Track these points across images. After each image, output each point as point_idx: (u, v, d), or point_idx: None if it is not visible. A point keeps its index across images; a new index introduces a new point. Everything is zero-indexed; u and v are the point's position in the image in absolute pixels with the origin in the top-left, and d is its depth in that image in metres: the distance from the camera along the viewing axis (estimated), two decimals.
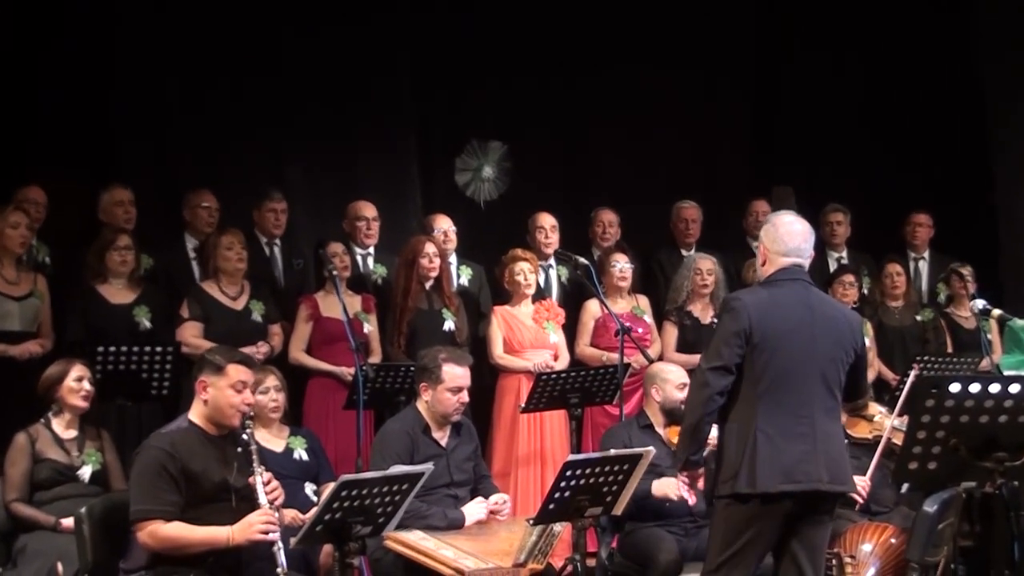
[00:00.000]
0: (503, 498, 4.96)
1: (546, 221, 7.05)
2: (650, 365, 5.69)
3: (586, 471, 4.23)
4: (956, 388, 3.68)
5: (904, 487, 5.30)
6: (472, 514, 4.81)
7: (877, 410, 5.61)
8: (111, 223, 6.28)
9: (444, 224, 6.87)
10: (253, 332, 6.16)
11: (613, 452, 4.41)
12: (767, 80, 8.67)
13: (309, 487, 5.17)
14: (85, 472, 5.02)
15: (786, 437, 3.97)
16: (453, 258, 6.90)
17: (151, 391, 5.59)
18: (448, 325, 6.39)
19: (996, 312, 5.49)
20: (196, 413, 4.18)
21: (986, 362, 6.33)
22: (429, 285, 6.44)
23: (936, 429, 3.72)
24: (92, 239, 6.12)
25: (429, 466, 4.19)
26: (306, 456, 5.23)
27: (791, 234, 4.16)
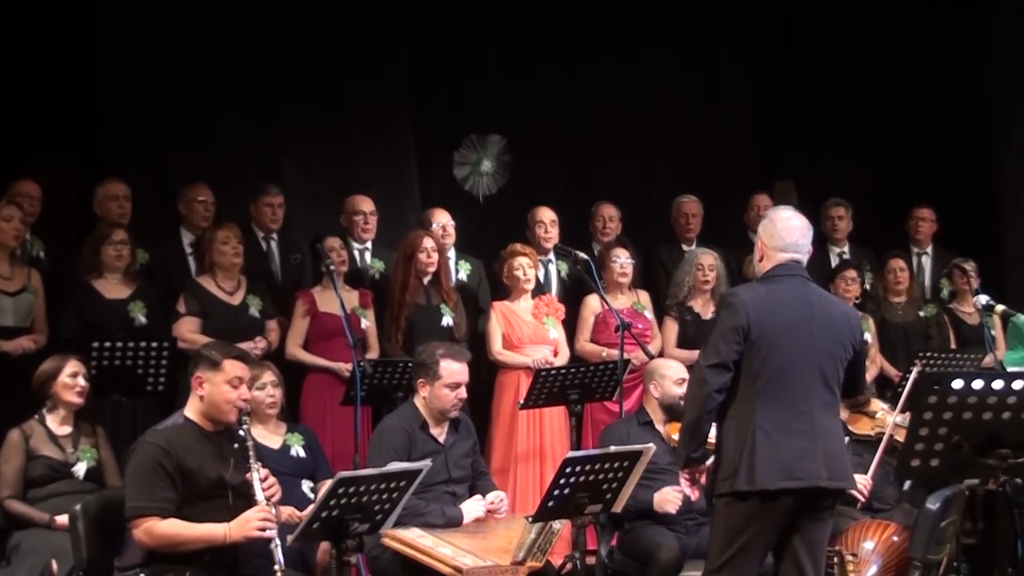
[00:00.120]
0: (500, 496, 4.94)
1: (546, 215, 7.02)
2: (650, 361, 5.65)
3: (586, 468, 4.21)
4: (959, 384, 3.67)
5: (906, 484, 5.29)
6: (470, 512, 4.79)
7: (879, 407, 5.59)
8: (105, 217, 6.25)
9: (442, 218, 6.83)
10: (251, 327, 6.14)
11: (613, 449, 4.39)
12: (768, 73, 8.63)
13: (306, 484, 5.13)
14: (80, 469, 5.00)
15: (785, 434, 3.95)
16: (452, 253, 6.87)
17: (146, 387, 5.56)
18: (446, 321, 6.36)
19: (999, 308, 5.45)
20: (192, 409, 4.17)
21: (989, 358, 6.31)
22: (427, 280, 6.41)
23: (939, 426, 3.71)
24: (88, 234, 6.09)
25: (427, 463, 4.17)
26: (303, 453, 5.20)
27: (789, 229, 4.14)
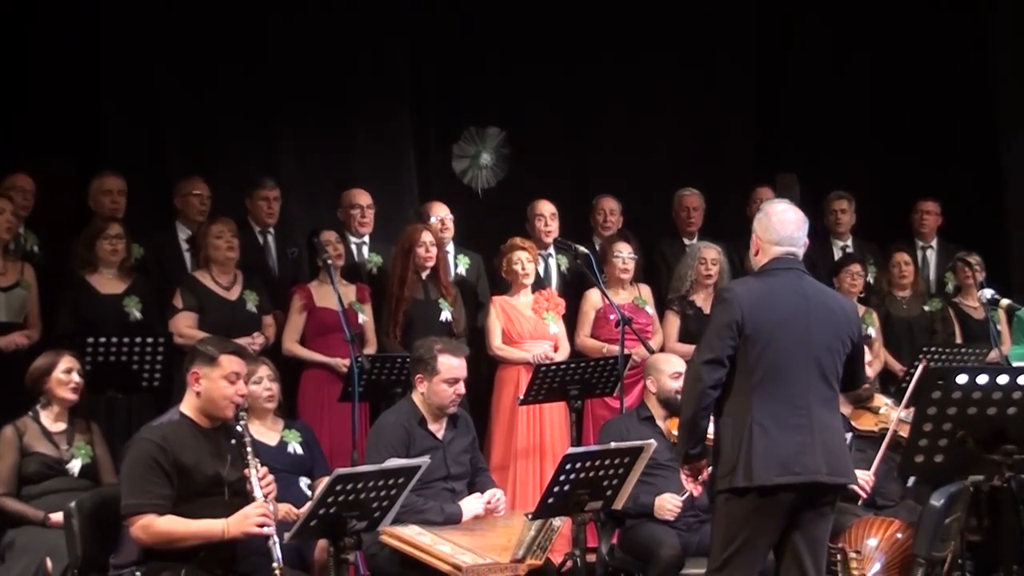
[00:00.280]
0: (497, 495, 4.89)
1: (545, 209, 6.98)
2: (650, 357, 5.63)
3: (586, 464, 4.19)
4: (963, 379, 3.65)
5: (910, 481, 5.25)
6: (470, 509, 4.77)
7: (883, 402, 5.55)
8: (99, 211, 6.22)
9: (441, 212, 6.79)
10: (248, 323, 6.11)
11: (613, 445, 4.37)
12: (770, 65, 8.59)
13: (303, 481, 5.10)
14: (74, 466, 4.96)
15: (782, 429, 3.92)
16: (450, 247, 6.84)
17: (142, 383, 5.53)
18: (445, 315, 6.33)
19: (1005, 302, 5.40)
20: (188, 405, 4.14)
21: (995, 353, 6.28)
22: (426, 275, 6.38)
23: (943, 421, 3.69)
24: (83, 228, 6.05)
25: (426, 459, 4.16)
26: (300, 450, 5.17)
27: (783, 223, 4.12)
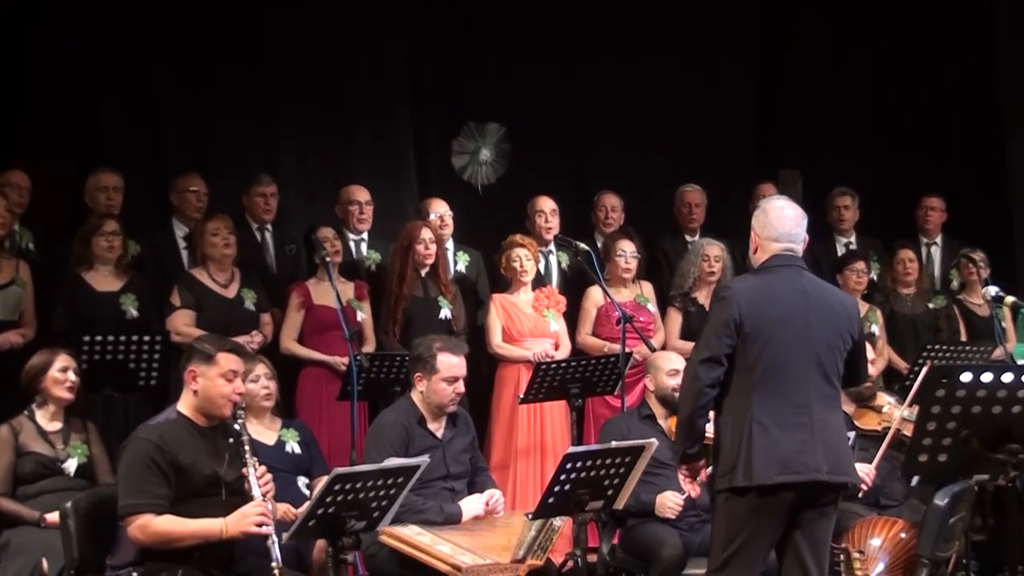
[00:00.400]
0: (495, 495, 4.86)
1: (546, 205, 6.94)
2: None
3: (587, 463, 4.16)
4: (967, 378, 3.63)
5: (914, 480, 5.20)
6: (470, 509, 4.75)
7: (886, 400, 5.51)
8: (94, 208, 6.19)
9: (440, 208, 6.75)
10: (246, 321, 6.08)
11: (615, 444, 4.34)
12: (771, 61, 8.57)
13: (302, 481, 5.08)
14: (70, 465, 4.93)
15: (782, 427, 3.89)
16: (450, 244, 6.81)
17: (139, 381, 5.50)
18: (444, 313, 6.29)
19: (1009, 299, 5.38)
20: (185, 404, 4.12)
21: (999, 351, 6.23)
22: (425, 272, 6.34)
23: (947, 420, 3.68)
24: (79, 226, 6.02)
25: (425, 459, 4.15)
26: (298, 449, 5.15)
27: (782, 219, 4.10)
